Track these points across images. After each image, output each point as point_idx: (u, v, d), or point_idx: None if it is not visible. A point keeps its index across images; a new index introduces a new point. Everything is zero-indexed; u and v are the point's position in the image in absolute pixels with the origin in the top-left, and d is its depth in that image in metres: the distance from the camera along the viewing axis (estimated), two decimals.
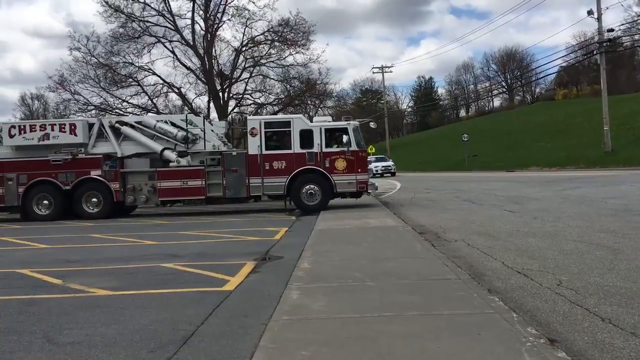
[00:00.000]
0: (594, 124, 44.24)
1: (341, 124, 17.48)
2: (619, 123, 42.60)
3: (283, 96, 34.77)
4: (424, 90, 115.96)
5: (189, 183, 17.28)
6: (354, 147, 16.79)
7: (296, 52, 32.34)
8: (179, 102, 34.86)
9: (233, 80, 32.93)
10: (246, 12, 31.38)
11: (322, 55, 36.76)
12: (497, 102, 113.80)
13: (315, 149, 16.80)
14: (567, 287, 5.67)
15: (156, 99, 32.28)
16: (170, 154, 17.70)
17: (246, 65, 33.05)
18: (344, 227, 12.22)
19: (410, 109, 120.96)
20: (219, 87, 32.45)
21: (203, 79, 32.39)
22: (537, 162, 40.35)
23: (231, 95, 33.46)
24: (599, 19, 36.37)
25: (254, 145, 17.01)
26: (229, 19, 32.07)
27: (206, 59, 31.58)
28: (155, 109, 31.26)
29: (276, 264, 8.05)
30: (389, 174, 46.32)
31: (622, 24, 60.18)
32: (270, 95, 34.65)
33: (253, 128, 17.12)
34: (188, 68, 32.47)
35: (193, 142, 17.78)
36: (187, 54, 32.54)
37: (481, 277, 6.43)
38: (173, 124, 18.11)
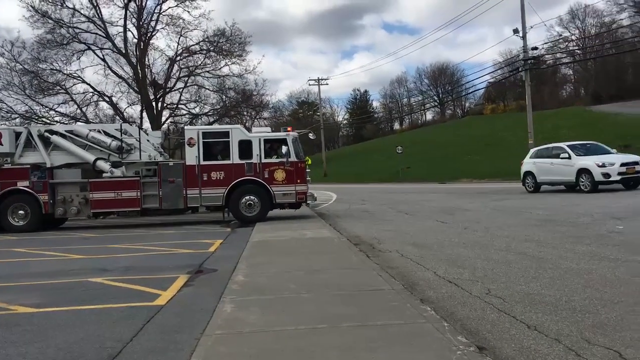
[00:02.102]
0: (519, 137, 46.13)
1: (280, 134, 17.41)
2: (542, 137, 44.60)
3: (219, 107, 34.43)
4: (359, 103, 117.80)
5: (124, 194, 16.78)
6: (293, 158, 16.77)
7: (232, 63, 32.18)
8: (110, 112, 33.83)
9: (167, 90, 32.34)
10: (181, 21, 31.00)
11: (258, 66, 36.77)
12: (429, 116, 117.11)
13: (254, 160, 16.68)
14: (496, 296, 5.85)
15: (85, 107, 31.23)
16: (104, 164, 17.14)
17: (181, 75, 32.56)
18: (279, 238, 12.16)
19: (346, 121, 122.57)
20: (152, 97, 31.77)
21: (136, 88, 31.63)
22: (468, 174, 41.71)
23: (165, 105, 32.84)
24: (523, 38, 38.09)
25: (192, 156, 16.73)
26: (162, 28, 31.57)
27: (139, 68, 30.86)
28: (84, 118, 30.21)
29: (210, 277, 7.90)
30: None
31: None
32: (205, 106, 34.25)
33: (191, 138, 16.81)
34: (120, 77, 31.65)
35: (128, 152, 17.31)
36: (119, 62, 31.72)
37: (414, 287, 6.54)
38: (107, 134, 17.57)
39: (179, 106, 33.53)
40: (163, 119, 32.31)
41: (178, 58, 32.16)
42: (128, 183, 16.90)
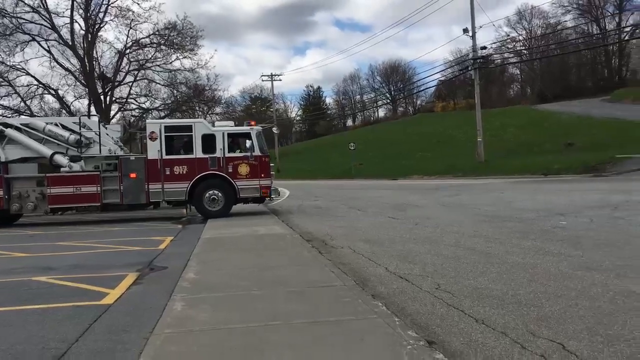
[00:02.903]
0: (469, 135, 47.24)
1: (244, 128, 17.25)
2: (491, 135, 45.86)
3: (170, 101, 33.89)
4: (313, 100, 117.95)
5: (83, 189, 16.31)
6: (257, 152, 16.66)
7: (183, 57, 31.74)
8: (56, 105, 32.80)
9: (116, 84, 31.58)
10: (130, 13, 30.31)
11: (210, 61, 36.41)
12: (382, 113, 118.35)
13: (218, 154, 16.48)
14: (445, 290, 5.96)
15: (30, 100, 30.18)
16: (62, 159, 16.59)
17: (130, 68, 31.89)
18: (231, 235, 12.06)
19: (299, 117, 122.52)
20: (100, 90, 30.96)
21: (83, 81, 30.76)
22: (419, 171, 42.36)
23: (114, 99, 32.07)
24: (473, 37, 39.01)
25: (154, 150, 16.39)
26: (111, 20, 30.80)
27: (86, 60, 30.04)
28: (28, 112, 29.17)
29: (160, 275, 7.76)
30: None
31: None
32: (156, 100, 33.65)
33: (152, 132, 16.45)
34: (66, 69, 30.72)
35: (87, 146, 16.86)
36: (65, 54, 30.79)
37: (366, 282, 6.59)
38: (65, 127, 17.04)
39: (129, 100, 32.83)
40: (112, 113, 31.54)
41: (127, 51, 31.47)
42: (87, 178, 16.45)
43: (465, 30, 39.34)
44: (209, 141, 16.53)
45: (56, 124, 17.27)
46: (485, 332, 4.50)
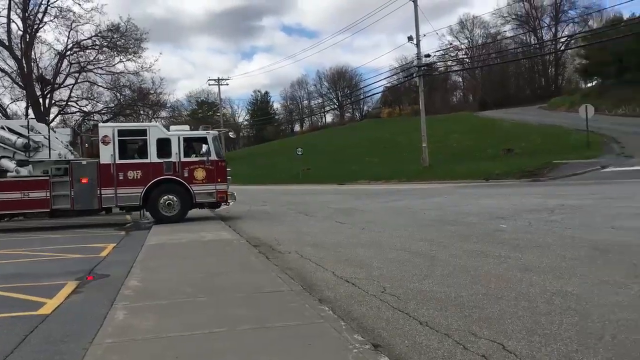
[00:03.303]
0: (414, 141, 48.10)
1: (200, 133, 17.01)
2: (435, 141, 46.82)
3: (113, 105, 33.06)
4: (260, 104, 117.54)
5: (31, 195, 15.67)
6: (213, 157, 16.45)
7: (127, 60, 31.10)
8: None
9: (56, 86, 30.56)
10: (71, 14, 29.50)
11: (155, 64, 35.74)
12: (329, 118, 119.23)
13: (174, 159, 16.20)
14: (391, 294, 6.04)
15: None
16: (8, 163, 15.98)
17: (71, 71, 30.95)
18: (177, 241, 11.84)
19: (246, 122, 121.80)
20: (39, 93, 29.87)
21: (20, 83, 29.64)
22: (366, 176, 42.78)
23: (53, 102, 31.03)
24: (417, 45, 39.80)
25: (107, 154, 15.92)
26: (51, 20, 29.86)
27: (24, 62, 28.92)
28: None
29: (101, 283, 7.53)
30: None
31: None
32: (98, 104, 32.75)
33: (105, 136, 15.99)
34: (2, 70, 29.47)
35: (35, 150, 16.27)
36: (1, 54, 29.57)
37: (313, 287, 6.60)
38: (11, 130, 16.42)
39: (69, 103, 31.85)
40: (52, 116, 30.51)
41: (68, 53, 30.57)
42: (36, 183, 15.83)
43: (410, 38, 40.09)
44: (164, 145, 16.25)
45: (2, 127, 16.63)
46: (429, 334, 4.59)
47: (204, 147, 16.44)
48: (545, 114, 62.30)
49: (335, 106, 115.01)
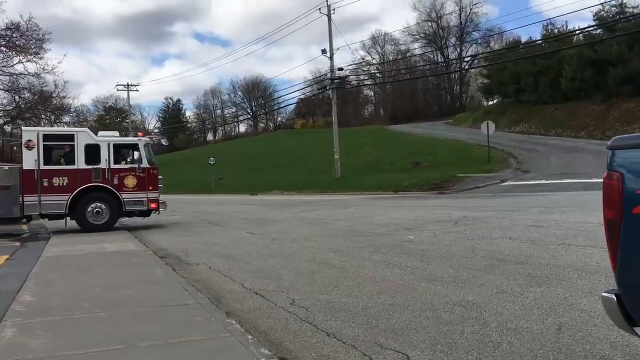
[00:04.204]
0: (327, 152, 48.71)
1: (132, 139, 16.71)
2: (347, 152, 47.72)
3: (10, 107, 31.08)
4: (172, 112, 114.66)
5: None
6: (145, 164, 15.98)
7: (27, 60, 29.37)
8: None
9: None
10: None
11: (58, 66, 33.90)
12: (242, 128, 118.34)
13: (103, 165, 15.57)
14: (299, 306, 6.00)
15: None
16: None
17: None
18: (77, 252, 11.23)
19: (157, 129, 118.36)
20: None
21: None
22: (279, 186, 42.78)
23: None
24: (331, 58, 40.51)
25: (30, 160, 15.02)
26: None
27: None
28: None
29: None
30: None
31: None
32: None
33: (29, 140, 15.08)
34: None
35: None
36: None
37: (220, 300, 6.44)
38: None
39: None
40: None
41: None
42: None
43: (323, 51, 40.74)
44: (92, 151, 15.61)
45: None
46: (336, 345, 4.58)
47: (136, 154, 15.99)
48: (451, 128, 65.24)
49: (249, 116, 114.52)
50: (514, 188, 25.44)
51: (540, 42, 53.79)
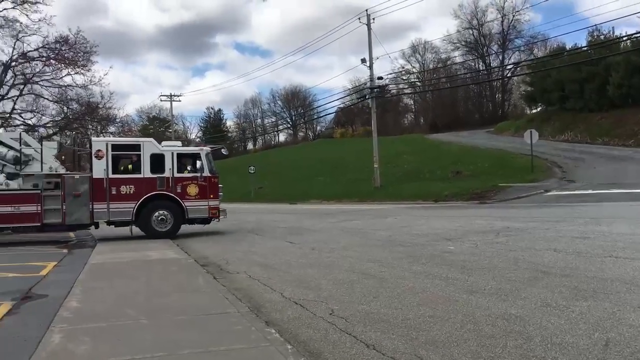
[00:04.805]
0: (366, 161, 48.61)
1: (194, 149, 17.39)
2: (387, 161, 47.48)
3: (59, 118, 32.14)
4: (213, 122, 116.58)
5: (22, 208, 15.25)
6: (206, 173, 16.60)
7: (75, 72, 30.32)
8: None
9: None
10: (18, 24, 28.55)
11: (104, 78, 34.97)
12: (282, 137, 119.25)
13: (167, 174, 16.23)
14: (338, 316, 5.99)
15: None
16: None
17: (16, 82, 29.88)
18: (121, 260, 11.50)
19: (199, 139, 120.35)
20: None
21: None
22: (318, 195, 42.90)
23: None
24: (370, 68, 40.47)
25: (100, 169, 15.76)
26: None
27: None
28: None
29: (39, 304, 7.20)
30: None
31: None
32: (43, 117, 31.75)
33: (99, 150, 15.82)
34: None
35: (25, 164, 15.81)
36: None
37: (260, 309, 6.49)
38: (1, 143, 15.94)
39: (12, 116, 30.71)
40: None
41: (13, 64, 29.53)
42: (26, 196, 15.41)
43: (363, 60, 40.74)
44: (157, 161, 16.27)
45: None
46: (375, 357, 4.55)
47: (198, 164, 16.52)
48: (493, 137, 64.20)
49: (289, 125, 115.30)
50: (558, 198, 24.81)
51: (585, 48, 52.50)
